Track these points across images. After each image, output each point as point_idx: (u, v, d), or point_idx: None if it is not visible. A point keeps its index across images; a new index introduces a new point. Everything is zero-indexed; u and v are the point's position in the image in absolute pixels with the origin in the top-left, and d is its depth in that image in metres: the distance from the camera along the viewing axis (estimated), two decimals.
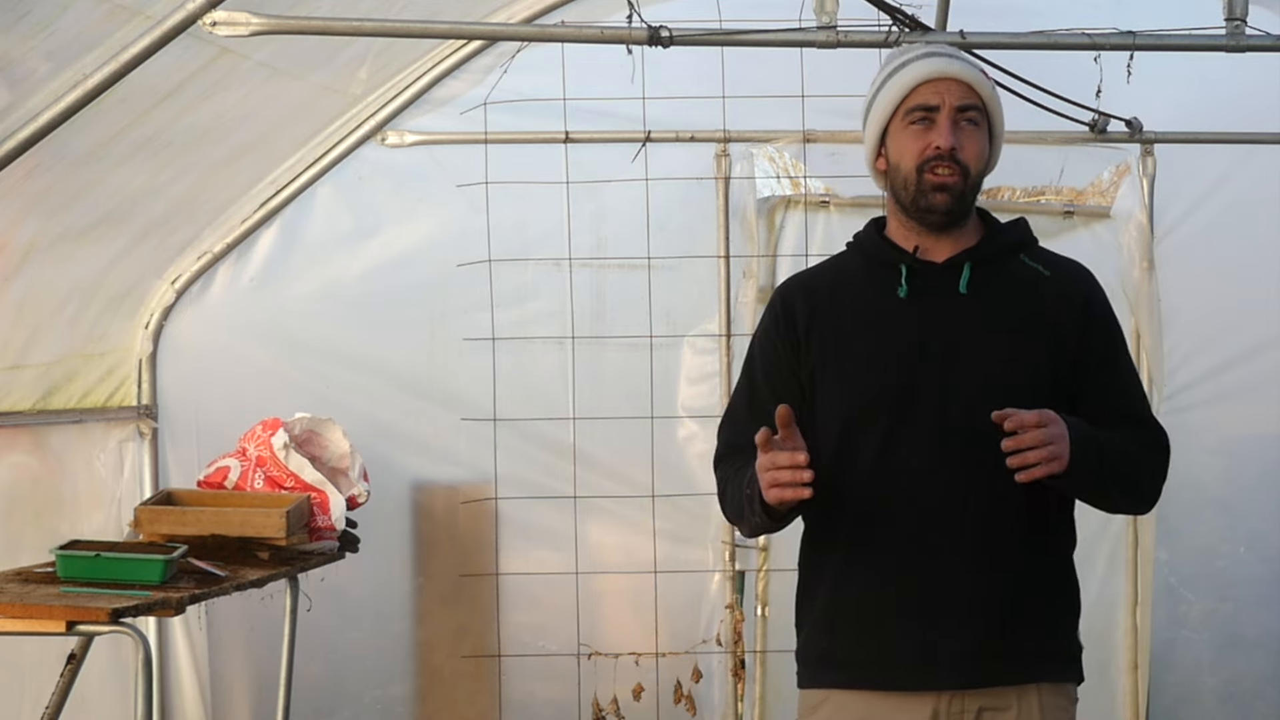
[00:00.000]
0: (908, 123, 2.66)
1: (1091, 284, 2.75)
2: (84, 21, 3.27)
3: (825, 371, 2.68)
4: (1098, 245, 4.92)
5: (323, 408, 4.47)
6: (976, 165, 2.67)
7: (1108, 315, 2.74)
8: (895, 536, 2.61)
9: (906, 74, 2.67)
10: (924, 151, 2.63)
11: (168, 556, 3.53)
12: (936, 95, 2.64)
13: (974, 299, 2.65)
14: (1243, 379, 4.96)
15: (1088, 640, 2.77)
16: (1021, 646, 2.61)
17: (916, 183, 2.64)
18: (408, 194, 4.88)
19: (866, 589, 2.63)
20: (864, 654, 2.63)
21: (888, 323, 2.66)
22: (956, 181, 2.63)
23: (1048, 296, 2.68)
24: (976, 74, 2.69)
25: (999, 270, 2.68)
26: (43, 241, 3.98)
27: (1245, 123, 4.75)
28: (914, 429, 2.60)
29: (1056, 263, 2.76)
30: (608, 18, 4.31)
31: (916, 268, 2.67)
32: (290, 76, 4.20)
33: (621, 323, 4.86)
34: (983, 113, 2.69)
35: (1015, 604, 2.60)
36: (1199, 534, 5.00)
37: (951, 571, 2.58)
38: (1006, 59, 4.00)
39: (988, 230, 2.74)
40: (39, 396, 4.26)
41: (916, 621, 2.59)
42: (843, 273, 2.77)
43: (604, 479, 4.87)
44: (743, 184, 4.87)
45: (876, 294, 2.68)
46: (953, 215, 2.65)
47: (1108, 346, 2.72)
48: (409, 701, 4.97)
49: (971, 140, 2.66)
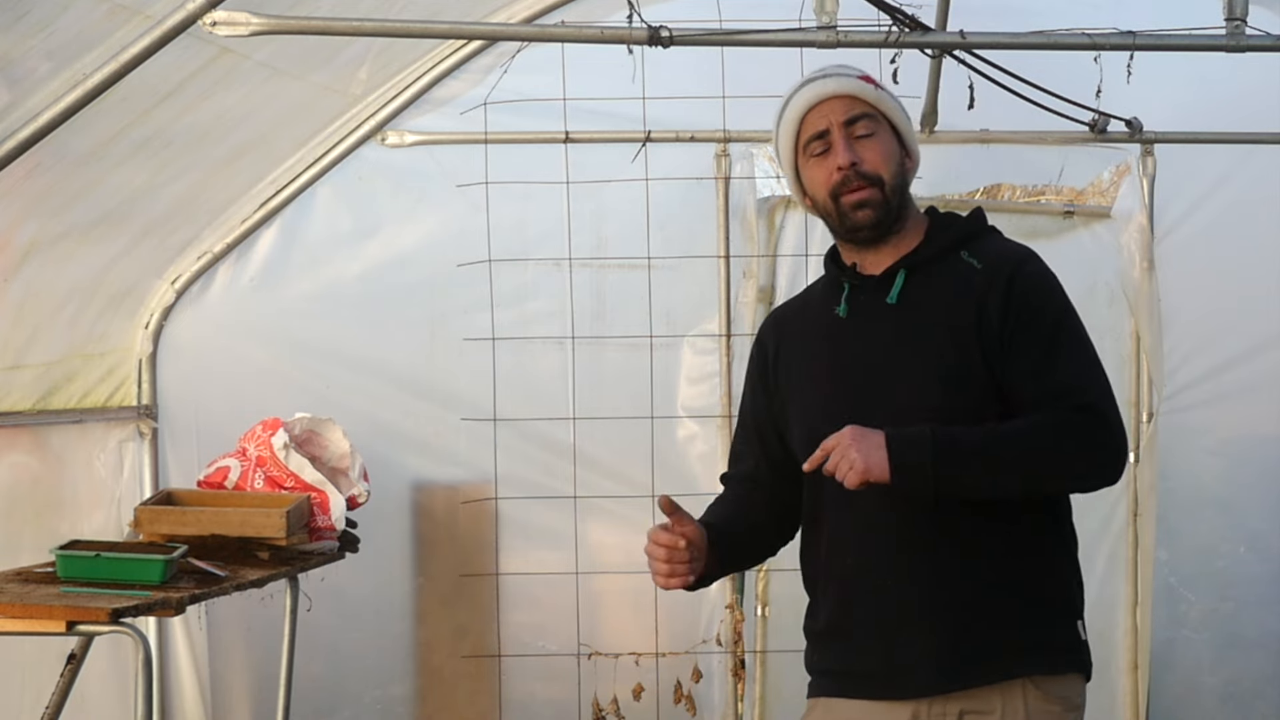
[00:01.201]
0: (809, 156, 2.68)
1: (1020, 264, 2.63)
2: (84, 21, 3.27)
3: (789, 398, 2.76)
4: (1098, 245, 4.93)
5: (323, 408, 4.47)
6: (887, 169, 2.65)
7: (1032, 291, 2.60)
8: (851, 553, 2.65)
9: (791, 110, 2.71)
10: (830, 177, 2.65)
11: (168, 556, 3.53)
12: (823, 119, 2.66)
13: (905, 309, 2.63)
14: (1243, 379, 4.96)
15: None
16: (993, 646, 2.57)
17: (836, 209, 2.66)
18: (408, 194, 4.88)
19: (841, 605, 2.67)
20: (844, 666, 2.68)
21: (830, 344, 2.70)
22: (873, 194, 2.63)
23: (977, 289, 2.61)
24: (854, 83, 2.68)
25: (937, 272, 2.65)
26: (43, 241, 3.98)
27: (1245, 123, 4.75)
28: None
29: (995, 252, 2.67)
30: (608, 18, 4.31)
31: (856, 284, 2.69)
32: (290, 76, 4.20)
33: (621, 323, 4.86)
34: (875, 118, 2.67)
35: (979, 605, 2.57)
36: (1199, 534, 5.00)
37: (908, 581, 2.59)
38: (1006, 59, 4.00)
39: (929, 231, 2.70)
40: (39, 396, 4.26)
41: (882, 633, 2.61)
42: (809, 300, 2.85)
43: (604, 479, 4.87)
44: (743, 184, 4.87)
45: (824, 316, 2.73)
46: (881, 227, 2.66)
47: (1030, 323, 2.58)
48: (409, 701, 4.97)
49: (870, 149, 2.65)
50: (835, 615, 2.69)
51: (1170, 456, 4.93)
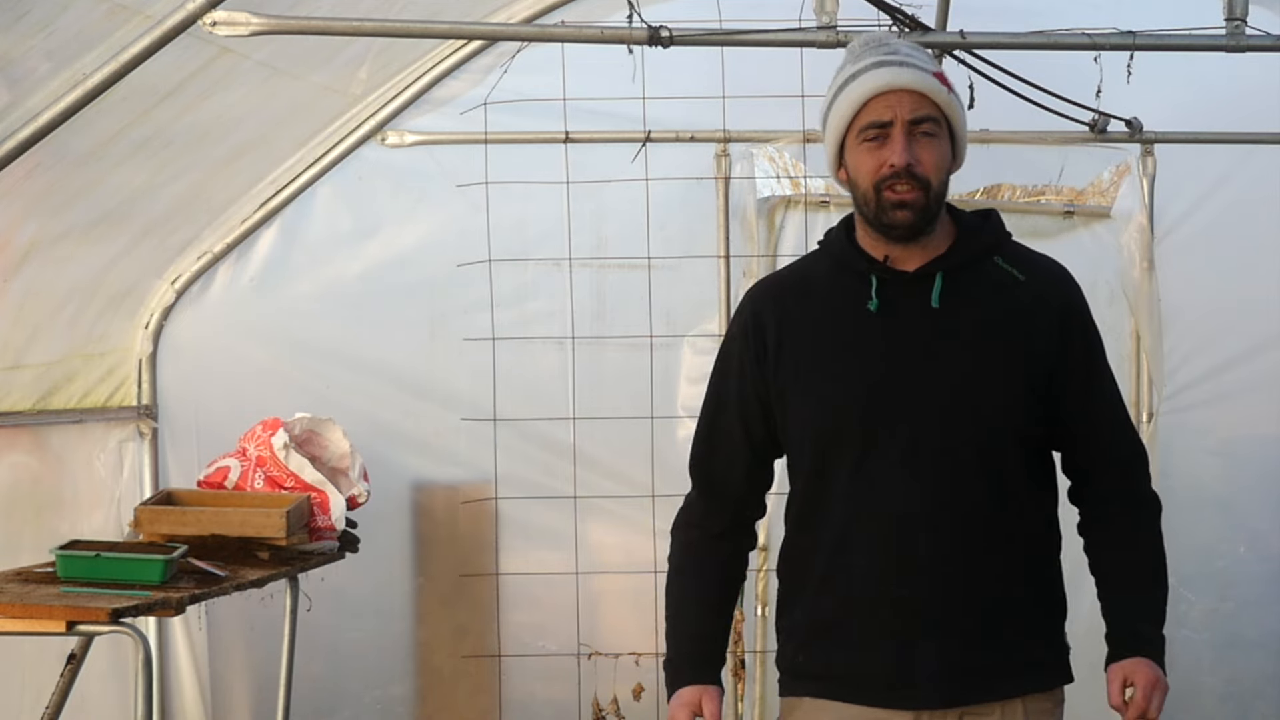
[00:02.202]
0: (861, 140, 2.56)
1: (1068, 287, 2.67)
2: (84, 21, 3.27)
3: (796, 386, 2.61)
4: (1098, 245, 4.93)
5: (323, 408, 4.47)
6: (937, 176, 2.56)
7: (1085, 321, 2.67)
8: (869, 556, 2.56)
9: (856, 89, 2.56)
10: (879, 170, 2.54)
11: (168, 556, 3.53)
12: (889, 110, 2.54)
13: (946, 312, 2.57)
14: (1243, 379, 4.96)
15: (1088, 640, 2.76)
16: (1005, 662, 2.57)
17: (876, 201, 2.55)
18: (408, 194, 4.88)
19: (843, 607, 2.59)
20: (842, 670, 2.61)
21: (858, 337, 2.59)
22: (917, 197, 2.53)
23: (1023, 302, 2.60)
24: (929, 81, 2.56)
25: (973, 277, 2.61)
26: (43, 241, 3.98)
27: (1245, 123, 4.75)
28: (886, 448, 2.54)
29: (1032, 263, 2.67)
30: (608, 18, 4.31)
31: (886, 278, 2.59)
32: (290, 76, 4.20)
33: (621, 323, 4.86)
34: (939, 121, 2.57)
35: (996, 618, 2.56)
36: (1199, 534, 5.00)
37: (929, 591, 2.54)
38: (1006, 59, 4.00)
39: (960, 234, 2.64)
40: (39, 396, 4.26)
41: (895, 641, 2.55)
42: (811, 279, 2.69)
43: (604, 479, 4.87)
44: (743, 184, 4.87)
45: (846, 305, 2.61)
46: (916, 229, 2.56)
47: (1086, 355, 2.65)
48: (409, 701, 4.97)
49: (928, 151, 2.55)
50: (836, 615, 2.61)
51: (1170, 456, 4.93)
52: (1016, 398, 2.56)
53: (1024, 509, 2.60)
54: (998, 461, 2.56)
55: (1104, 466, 2.69)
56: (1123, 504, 2.69)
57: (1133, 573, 2.67)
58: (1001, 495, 2.55)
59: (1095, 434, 2.67)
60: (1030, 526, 2.61)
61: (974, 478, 2.53)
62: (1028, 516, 2.60)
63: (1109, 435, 2.69)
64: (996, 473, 2.56)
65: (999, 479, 2.56)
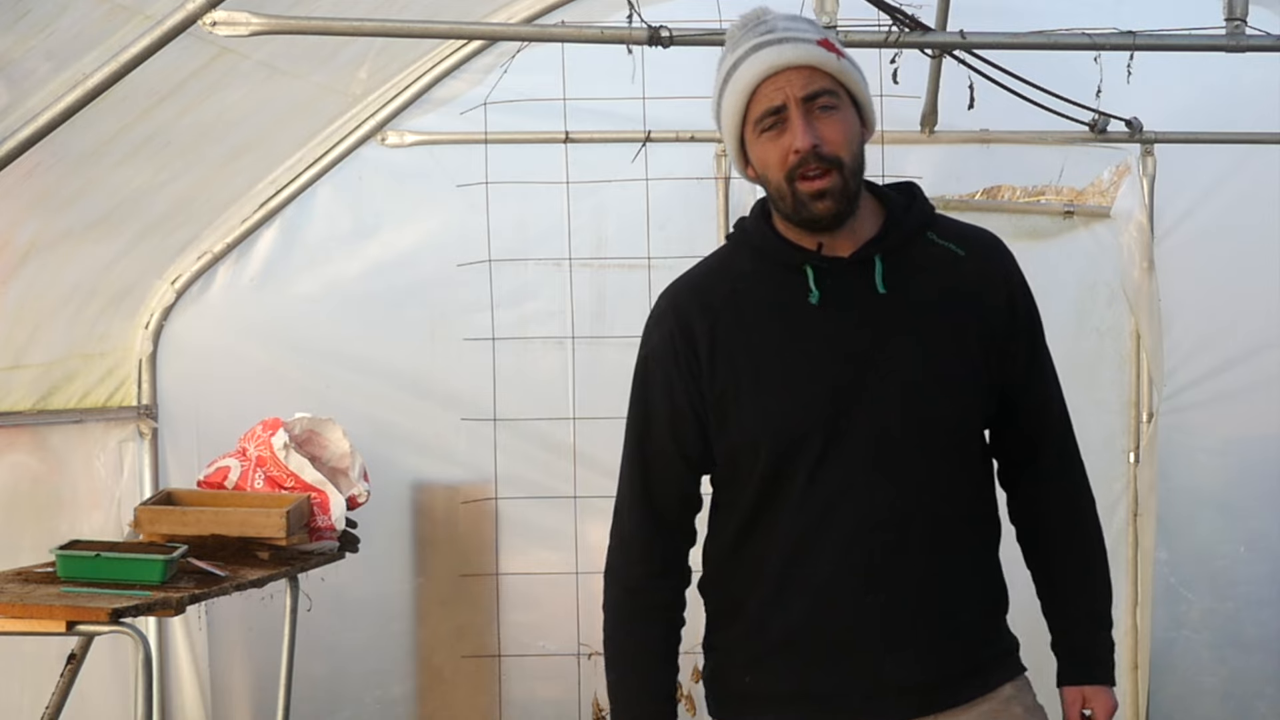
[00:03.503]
0: (760, 131, 2.38)
1: (1006, 258, 2.51)
2: (84, 21, 3.27)
3: (738, 393, 2.41)
4: (1098, 245, 4.93)
5: (323, 408, 4.47)
6: (848, 150, 2.36)
7: (1026, 291, 2.51)
8: (830, 564, 2.38)
9: (740, 78, 2.39)
10: (786, 159, 2.35)
11: (168, 556, 3.53)
12: (779, 93, 2.35)
13: (893, 296, 2.39)
14: (1243, 379, 4.96)
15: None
16: (973, 668, 2.46)
17: (792, 195, 2.37)
18: (408, 194, 4.88)
19: (805, 619, 2.41)
20: (803, 688, 2.43)
21: (805, 333, 2.40)
22: (834, 182, 2.34)
23: (969, 279, 2.45)
24: (815, 52, 2.35)
25: (911, 257, 2.43)
26: (43, 241, 3.98)
27: (1245, 123, 4.75)
28: (848, 446, 2.37)
29: (965, 237, 2.50)
30: (608, 18, 4.32)
31: (823, 267, 2.40)
32: (290, 76, 4.20)
33: (621, 323, 4.85)
34: (836, 92, 2.36)
35: (961, 616, 2.44)
36: (1199, 534, 5.00)
37: (901, 596, 2.39)
38: (1006, 59, 4.01)
39: (889, 213, 2.46)
40: (39, 396, 4.26)
41: (861, 654, 2.39)
42: (736, 276, 2.48)
43: (604, 479, 4.84)
44: (743, 184, 4.82)
45: (784, 300, 2.41)
46: (841, 216, 2.38)
47: (1030, 326, 2.51)
48: (409, 701, 4.97)
49: (832, 127, 2.34)
50: (796, 628, 2.42)
51: (1170, 456, 4.92)
52: (978, 379, 2.42)
53: (982, 494, 2.50)
54: (964, 447, 2.45)
55: (1046, 442, 2.56)
56: (1062, 492, 2.58)
57: (1080, 577, 2.60)
58: (968, 482, 2.45)
59: (1041, 407, 2.54)
60: (986, 512, 2.50)
61: (942, 467, 2.40)
62: (984, 501, 2.50)
63: (1053, 409, 2.56)
64: (961, 459, 2.44)
65: (964, 466, 2.45)
